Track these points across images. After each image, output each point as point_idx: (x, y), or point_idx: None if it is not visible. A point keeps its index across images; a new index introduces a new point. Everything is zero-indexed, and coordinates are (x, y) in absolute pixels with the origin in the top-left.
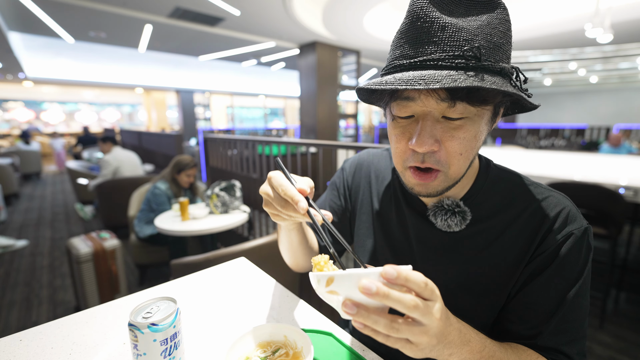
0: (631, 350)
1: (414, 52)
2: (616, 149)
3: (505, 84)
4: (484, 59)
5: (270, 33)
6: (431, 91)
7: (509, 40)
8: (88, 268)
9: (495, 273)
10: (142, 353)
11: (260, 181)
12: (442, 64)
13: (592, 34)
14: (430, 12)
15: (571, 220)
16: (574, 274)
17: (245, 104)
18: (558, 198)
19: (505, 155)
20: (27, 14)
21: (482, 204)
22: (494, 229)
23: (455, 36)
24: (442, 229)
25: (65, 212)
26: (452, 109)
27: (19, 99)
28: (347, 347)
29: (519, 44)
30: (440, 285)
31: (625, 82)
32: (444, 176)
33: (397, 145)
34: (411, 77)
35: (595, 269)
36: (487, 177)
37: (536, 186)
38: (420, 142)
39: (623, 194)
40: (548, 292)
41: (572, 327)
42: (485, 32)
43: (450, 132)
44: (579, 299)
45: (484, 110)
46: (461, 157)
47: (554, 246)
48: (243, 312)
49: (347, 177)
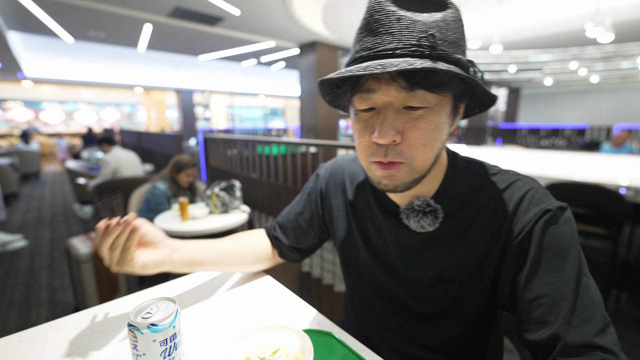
0: (632, 350)
1: (372, 44)
2: (617, 149)
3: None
4: (439, 48)
5: (270, 33)
6: (391, 80)
7: (464, 38)
8: (87, 268)
9: (472, 264)
10: (141, 353)
11: (260, 181)
12: (399, 53)
13: (592, 33)
14: (387, 6)
15: (538, 200)
16: (561, 251)
17: (245, 103)
18: (524, 181)
19: (506, 155)
20: (26, 13)
21: (453, 199)
22: (464, 221)
23: (411, 27)
24: (416, 231)
25: (65, 212)
26: (412, 97)
27: (18, 98)
28: (347, 347)
29: (519, 44)
30: (424, 283)
31: (626, 82)
32: (408, 168)
33: (360, 140)
34: (369, 65)
35: (596, 269)
36: (455, 171)
37: (503, 174)
38: (383, 133)
39: (624, 194)
40: (544, 279)
41: (593, 312)
42: (440, 26)
43: (411, 123)
44: (584, 278)
45: (444, 100)
46: (424, 148)
47: (527, 229)
48: (243, 312)
49: (321, 183)
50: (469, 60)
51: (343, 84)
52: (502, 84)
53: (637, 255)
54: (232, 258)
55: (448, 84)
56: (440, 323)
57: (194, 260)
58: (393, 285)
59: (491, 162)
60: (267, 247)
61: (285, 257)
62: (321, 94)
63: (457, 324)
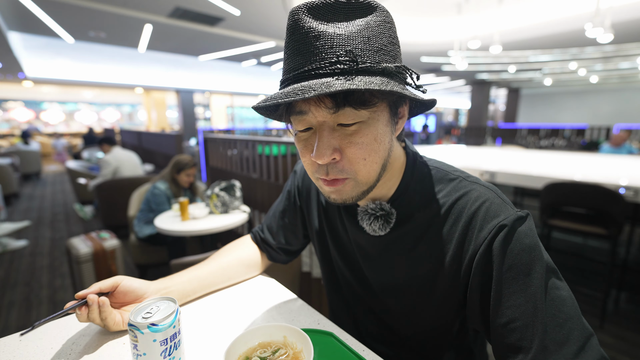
0: (632, 350)
1: (295, 65)
2: (617, 149)
3: (386, 83)
4: (360, 61)
5: (270, 33)
6: (319, 101)
7: (393, 42)
8: (88, 268)
9: (427, 273)
10: (142, 353)
11: (260, 181)
12: (321, 72)
13: (592, 33)
14: (305, 23)
15: (493, 214)
16: (524, 268)
17: (245, 104)
18: (478, 192)
19: (506, 155)
20: (26, 14)
21: (409, 203)
22: (417, 228)
23: (330, 43)
24: (370, 234)
25: (65, 212)
26: (343, 115)
27: (19, 98)
28: (347, 347)
29: (519, 44)
30: (386, 287)
31: (626, 82)
32: (353, 182)
33: (303, 159)
34: (290, 90)
35: (596, 268)
36: (413, 174)
37: (460, 180)
38: (320, 154)
39: (623, 194)
40: (511, 301)
41: (571, 330)
42: (363, 35)
43: (347, 139)
44: (554, 292)
45: (377, 110)
46: (366, 162)
47: (483, 248)
48: (243, 312)
49: (297, 180)
50: (398, 65)
51: (279, 107)
52: (502, 84)
53: (637, 255)
54: (221, 277)
55: (373, 98)
56: (404, 329)
57: (184, 294)
58: (360, 286)
59: (454, 165)
60: (256, 253)
61: (274, 259)
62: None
63: (419, 329)
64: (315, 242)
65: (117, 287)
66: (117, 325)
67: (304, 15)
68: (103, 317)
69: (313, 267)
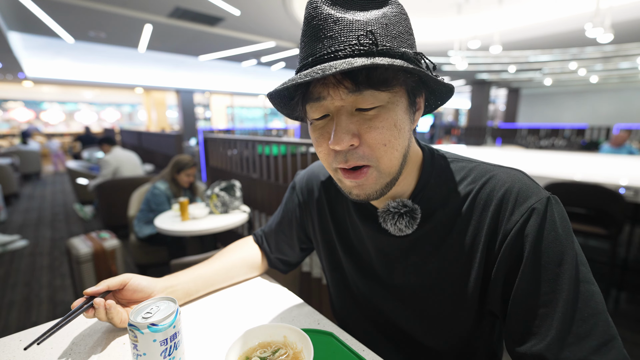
0: (632, 350)
1: (313, 50)
2: (617, 149)
3: (407, 65)
4: (380, 43)
5: (270, 33)
6: (337, 84)
7: (409, 31)
8: (88, 268)
9: (457, 269)
10: (142, 353)
11: (260, 181)
12: (341, 54)
13: (592, 33)
14: (323, 10)
15: (524, 195)
16: (556, 257)
17: (245, 104)
18: (507, 173)
19: (506, 155)
20: (26, 14)
21: (431, 198)
22: (445, 222)
23: (349, 27)
24: (396, 235)
25: (65, 212)
26: (362, 98)
27: (19, 99)
28: (347, 347)
29: (519, 44)
30: (411, 292)
31: (626, 82)
32: (376, 172)
33: (319, 148)
34: (309, 72)
35: (596, 269)
36: (432, 169)
37: (482, 165)
38: (338, 139)
39: (623, 194)
40: (538, 289)
41: (594, 325)
42: (381, 22)
43: (366, 124)
44: (584, 286)
45: (396, 96)
46: (386, 147)
47: (514, 232)
48: (243, 312)
49: (297, 194)
50: (417, 52)
51: (294, 95)
52: (502, 84)
53: (637, 255)
54: (225, 276)
55: (395, 79)
56: (429, 335)
57: (188, 293)
58: (377, 295)
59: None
60: (258, 255)
61: (274, 267)
62: (276, 108)
63: (446, 336)
64: (322, 252)
65: (125, 285)
66: (124, 323)
67: (322, 3)
68: (109, 317)
69: (313, 267)
